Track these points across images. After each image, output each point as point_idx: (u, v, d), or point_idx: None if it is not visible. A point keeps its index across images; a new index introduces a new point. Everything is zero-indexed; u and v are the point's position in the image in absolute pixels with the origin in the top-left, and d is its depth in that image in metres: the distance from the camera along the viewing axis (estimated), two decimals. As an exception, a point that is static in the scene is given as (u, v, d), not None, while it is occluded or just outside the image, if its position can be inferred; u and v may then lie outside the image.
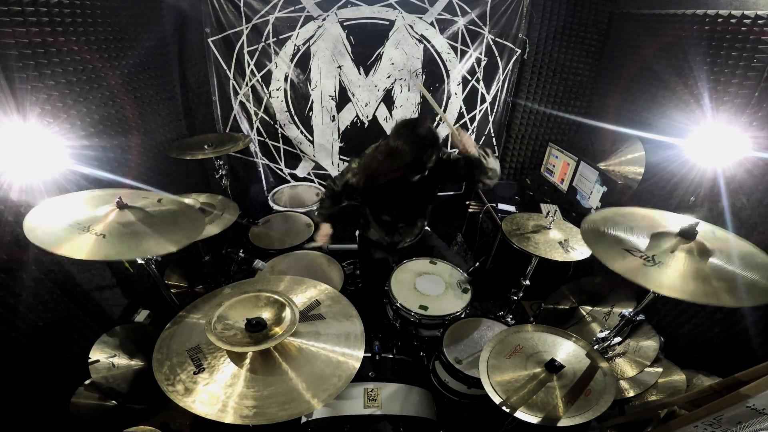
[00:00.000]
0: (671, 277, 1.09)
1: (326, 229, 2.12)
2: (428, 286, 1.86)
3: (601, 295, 1.98)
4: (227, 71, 2.75)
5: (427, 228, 2.30)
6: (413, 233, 2.19)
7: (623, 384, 1.60)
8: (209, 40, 2.62)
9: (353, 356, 1.13)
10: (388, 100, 2.96)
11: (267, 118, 2.95)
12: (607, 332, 1.46)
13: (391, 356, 1.64)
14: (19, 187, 1.48)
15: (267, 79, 2.80)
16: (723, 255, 1.14)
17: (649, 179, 2.17)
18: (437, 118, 3.04)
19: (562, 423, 1.14)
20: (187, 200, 1.66)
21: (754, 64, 1.65)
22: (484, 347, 1.36)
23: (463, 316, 1.78)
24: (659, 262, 1.13)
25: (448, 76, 2.91)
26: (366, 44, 2.74)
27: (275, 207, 2.78)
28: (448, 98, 3.00)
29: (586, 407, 1.18)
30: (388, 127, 3.05)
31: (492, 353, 1.34)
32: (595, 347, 1.42)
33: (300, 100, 2.90)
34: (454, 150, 1.89)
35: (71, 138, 1.69)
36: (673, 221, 1.29)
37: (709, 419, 1.14)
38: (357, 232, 2.30)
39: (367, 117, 3.02)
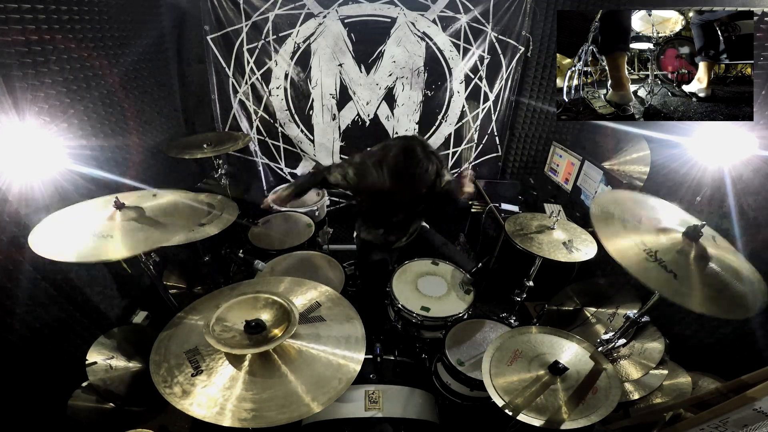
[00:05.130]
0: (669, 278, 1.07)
1: (283, 195, 2.05)
2: (430, 287, 1.84)
3: (606, 297, 1.96)
4: (226, 69, 2.73)
5: (424, 224, 2.27)
6: (407, 234, 2.17)
7: (628, 386, 1.58)
8: (208, 37, 2.60)
9: (354, 359, 1.12)
10: (389, 98, 2.94)
11: (267, 117, 2.93)
12: (611, 334, 1.44)
13: (392, 358, 1.62)
14: (17, 188, 1.46)
15: (267, 77, 2.78)
16: (719, 262, 1.13)
17: (654, 178, 2.15)
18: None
19: (567, 426, 1.12)
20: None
21: (761, 62, 1.62)
22: (485, 354, 1.35)
23: (465, 317, 1.76)
24: (660, 259, 1.12)
25: (450, 74, 2.88)
26: (367, 42, 2.72)
27: (275, 207, 2.76)
28: (451, 96, 2.98)
29: (592, 407, 1.16)
30: (389, 126, 3.03)
31: (493, 361, 1.32)
32: (600, 349, 1.40)
33: (300, 98, 2.88)
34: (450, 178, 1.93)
35: (69, 137, 1.68)
36: (680, 219, 1.28)
37: (715, 422, 1.13)
38: (354, 234, 2.28)
39: (369, 116, 2.99)
